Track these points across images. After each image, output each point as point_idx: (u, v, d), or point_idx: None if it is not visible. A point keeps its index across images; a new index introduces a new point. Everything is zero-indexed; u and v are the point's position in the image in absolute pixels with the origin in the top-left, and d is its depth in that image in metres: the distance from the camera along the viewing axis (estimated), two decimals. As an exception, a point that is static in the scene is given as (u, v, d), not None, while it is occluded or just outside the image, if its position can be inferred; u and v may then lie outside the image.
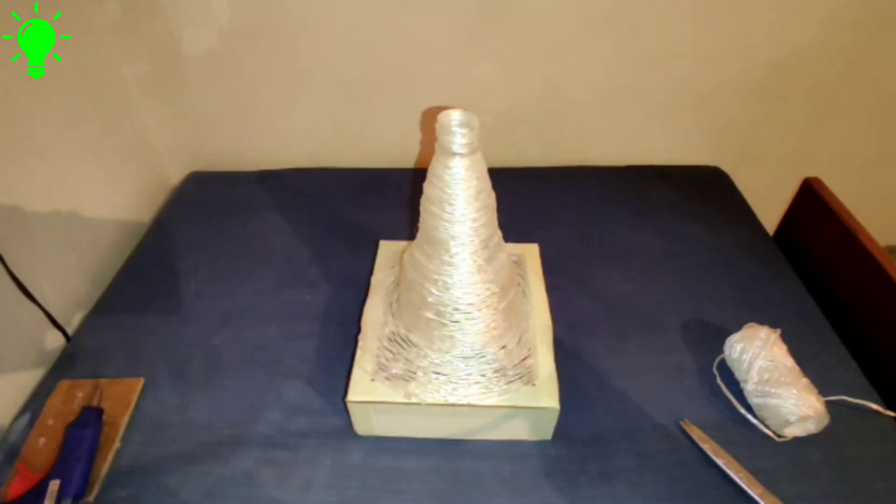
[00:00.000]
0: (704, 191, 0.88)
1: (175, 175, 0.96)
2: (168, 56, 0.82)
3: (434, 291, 0.52)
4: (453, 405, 0.50)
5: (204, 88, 0.87)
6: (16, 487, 0.49)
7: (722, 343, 0.60)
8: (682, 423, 0.55)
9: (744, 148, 0.94)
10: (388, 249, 0.67)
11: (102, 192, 0.79)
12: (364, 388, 0.52)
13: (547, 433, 0.54)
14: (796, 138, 0.93)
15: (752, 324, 0.60)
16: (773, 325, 0.58)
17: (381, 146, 0.93)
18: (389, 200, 0.85)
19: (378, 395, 0.51)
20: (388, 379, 0.53)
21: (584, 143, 0.93)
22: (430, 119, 0.87)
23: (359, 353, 0.55)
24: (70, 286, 0.72)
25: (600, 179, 0.90)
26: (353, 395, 0.51)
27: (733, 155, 0.94)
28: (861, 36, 0.81)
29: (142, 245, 0.80)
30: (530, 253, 0.66)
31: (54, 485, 0.48)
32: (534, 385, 0.51)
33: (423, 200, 0.50)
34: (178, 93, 0.87)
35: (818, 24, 0.79)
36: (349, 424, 0.55)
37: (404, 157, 0.94)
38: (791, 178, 0.86)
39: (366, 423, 0.54)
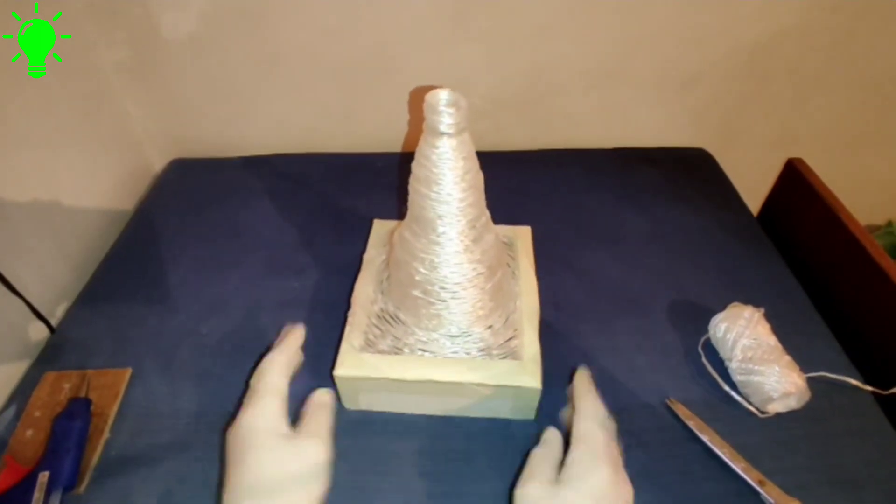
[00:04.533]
0: (689, 173, 0.89)
1: (158, 162, 0.95)
2: (147, 40, 0.80)
3: (421, 270, 0.52)
4: (438, 382, 0.51)
5: (185, 73, 0.85)
6: (4, 480, 0.49)
7: (707, 323, 0.61)
8: (667, 401, 0.56)
9: (728, 130, 0.95)
10: (381, 228, 0.67)
11: (83, 181, 0.78)
12: (352, 362, 0.52)
13: (530, 412, 0.55)
14: (780, 119, 0.94)
15: (736, 303, 0.60)
16: (756, 305, 0.59)
17: (367, 130, 0.92)
18: (377, 185, 0.85)
19: (365, 371, 0.52)
20: (376, 355, 0.53)
21: (571, 125, 0.93)
22: (417, 101, 0.87)
23: (348, 328, 0.55)
24: (53, 277, 0.71)
25: (587, 162, 0.90)
26: (340, 370, 0.52)
27: (718, 137, 0.95)
28: (843, 17, 0.81)
29: (125, 234, 0.79)
30: (522, 235, 0.66)
31: (43, 476, 0.48)
32: (518, 365, 0.52)
33: (411, 179, 0.50)
34: (159, 78, 0.85)
35: (801, 5, 0.80)
36: (339, 409, 0.55)
37: (391, 141, 0.93)
38: (775, 159, 0.87)
39: (353, 398, 0.55)
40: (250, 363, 0.60)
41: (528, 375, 0.51)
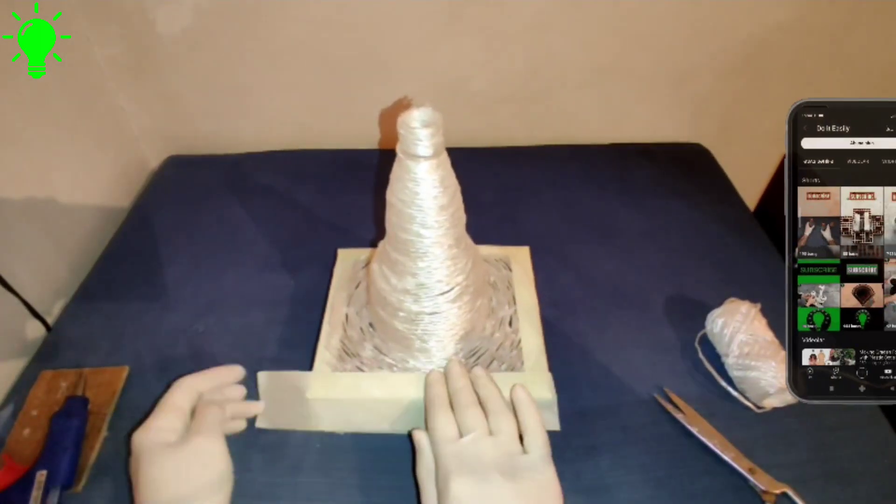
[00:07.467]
0: (687, 168, 0.89)
1: (153, 159, 0.94)
2: (142, 36, 0.80)
3: (400, 296, 0.50)
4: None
5: (180, 69, 0.84)
6: (2, 479, 0.49)
7: (704, 318, 0.61)
8: (664, 390, 0.56)
9: (725, 125, 0.95)
10: (347, 258, 0.64)
11: (79, 178, 0.77)
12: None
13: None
14: (777, 114, 0.93)
15: (733, 299, 0.61)
16: (753, 300, 0.59)
17: (363, 126, 0.92)
18: (373, 181, 0.84)
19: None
20: (357, 369, 0.51)
21: (567, 121, 0.93)
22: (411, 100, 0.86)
23: (320, 349, 0.53)
24: (49, 275, 0.70)
25: (584, 158, 0.90)
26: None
27: (715, 132, 0.95)
28: (841, 11, 0.81)
29: (121, 231, 0.79)
30: (520, 255, 0.63)
31: (41, 475, 0.48)
32: (526, 375, 0.50)
33: (387, 201, 0.47)
34: (154, 74, 0.85)
35: (797, 0, 0.79)
36: (307, 435, 0.54)
37: (387, 138, 0.93)
38: (771, 153, 0.87)
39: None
40: (247, 360, 0.60)
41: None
